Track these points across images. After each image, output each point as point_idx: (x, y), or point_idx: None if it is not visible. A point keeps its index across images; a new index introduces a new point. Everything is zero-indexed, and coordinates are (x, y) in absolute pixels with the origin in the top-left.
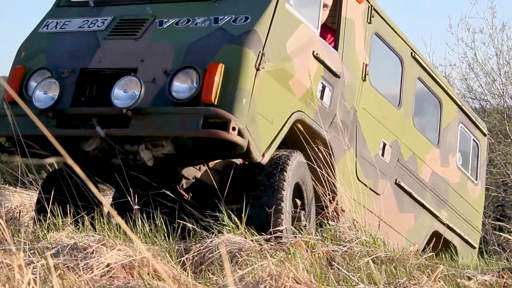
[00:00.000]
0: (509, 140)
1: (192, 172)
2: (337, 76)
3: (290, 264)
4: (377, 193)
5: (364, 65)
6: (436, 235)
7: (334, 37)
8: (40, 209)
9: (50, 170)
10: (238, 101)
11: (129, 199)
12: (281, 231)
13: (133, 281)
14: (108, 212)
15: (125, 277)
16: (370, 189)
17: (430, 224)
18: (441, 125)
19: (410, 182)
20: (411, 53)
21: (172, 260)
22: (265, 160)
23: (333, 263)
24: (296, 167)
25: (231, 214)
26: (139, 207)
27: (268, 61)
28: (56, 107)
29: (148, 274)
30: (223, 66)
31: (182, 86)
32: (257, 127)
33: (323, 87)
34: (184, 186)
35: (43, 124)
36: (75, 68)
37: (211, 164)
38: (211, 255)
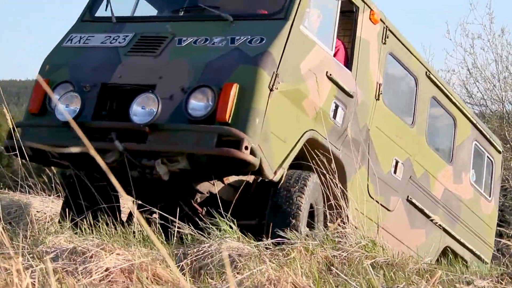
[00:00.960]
0: (508, 145)
1: (206, 187)
2: (350, 95)
3: (289, 269)
4: (388, 209)
5: (378, 85)
6: (447, 250)
7: (345, 51)
8: (64, 213)
9: (50, 174)
10: (251, 121)
11: (147, 206)
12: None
13: (132, 286)
14: (128, 217)
15: (124, 281)
16: (382, 205)
17: (441, 239)
18: (455, 143)
19: (422, 199)
20: (426, 72)
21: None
22: (277, 178)
23: (332, 268)
24: (313, 188)
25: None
26: (155, 217)
27: (282, 82)
28: (77, 120)
29: (147, 278)
30: (238, 85)
31: (198, 104)
32: (269, 145)
33: (336, 107)
34: (198, 201)
35: (65, 136)
36: (97, 83)
37: (225, 179)
38: (209, 260)
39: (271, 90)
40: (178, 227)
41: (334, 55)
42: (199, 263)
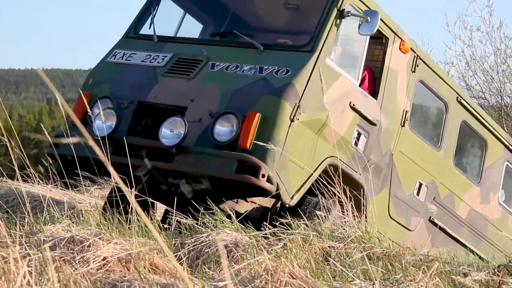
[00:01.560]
0: None
1: (230, 205)
2: (373, 124)
3: (286, 260)
4: (409, 230)
5: (404, 112)
6: None
7: (373, 77)
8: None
9: (46, 164)
10: (270, 150)
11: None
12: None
13: (130, 275)
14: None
15: (121, 271)
16: (403, 225)
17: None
18: (485, 165)
19: (445, 219)
20: (457, 98)
21: (169, 255)
22: (293, 202)
23: (329, 258)
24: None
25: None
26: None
27: (303, 112)
28: (113, 135)
29: (145, 267)
30: (260, 115)
31: (223, 130)
32: (287, 172)
33: (359, 134)
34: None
35: (101, 150)
36: (134, 100)
37: (249, 198)
38: (207, 249)
39: (292, 120)
40: (177, 217)
41: (361, 83)
42: (196, 253)
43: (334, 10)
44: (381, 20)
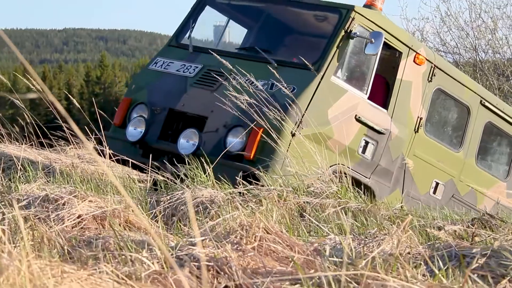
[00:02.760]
0: None
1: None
2: (381, 133)
3: (261, 215)
4: None
5: (419, 119)
6: None
7: (385, 88)
8: None
9: (23, 124)
10: (272, 161)
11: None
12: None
13: (104, 232)
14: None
15: (97, 228)
16: None
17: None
18: None
19: None
20: (481, 101)
21: (144, 212)
22: None
23: (305, 214)
24: None
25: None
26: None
27: (306, 127)
28: (143, 139)
29: (120, 225)
30: (263, 130)
31: (233, 140)
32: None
33: (366, 143)
34: None
35: (133, 152)
36: (166, 107)
37: None
38: (183, 207)
39: (293, 135)
40: (152, 174)
41: (375, 94)
42: (172, 210)
43: (342, 32)
44: (393, 36)
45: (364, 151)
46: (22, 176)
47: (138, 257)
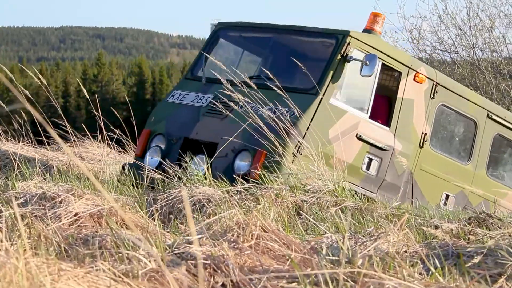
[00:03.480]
0: (478, 91)
1: None
2: (384, 149)
3: (258, 213)
4: None
5: (423, 135)
6: None
7: (387, 107)
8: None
9: (20, 121)
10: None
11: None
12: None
13: (101, 230)
14: None
15: (93, 226)
16: None
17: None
18: None
19: None
20: (488, 114)
21: (142, 210)
22: None
23: (302, 212)
24: None
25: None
26: None
27: (307, 148)
28: (160, 167)
29: (116, 223)
30: (266, 153)
31: (241, 164)
32: None
33: (370, 160)
34: None
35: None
36: (181, 136)
37: None
38: (180, 205)
39: (295, 156)
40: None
41: (377, 113)
42: (169, 208)
43: (338, 56)
44: (391, 57)
45: (368, 168)
46: (19, 173)
47: (135, 255)
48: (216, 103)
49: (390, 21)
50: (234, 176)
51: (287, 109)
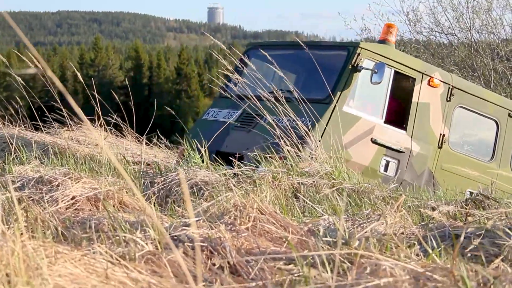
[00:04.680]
0: (476, 74)
1: None
2: (401, 151)
3: (255, 196)
4: None
5: (441, 136)
6: None
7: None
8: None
9: (16, 106)
10: None
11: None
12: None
13: (98, 213)
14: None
15: (90, 210)
16: None
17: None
18: None
19: None
20: (509, 113)
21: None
22: None
23: (299, 194)
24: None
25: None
26: None
27: (322, 154)
28: None
29: (113, 206)
30: (283, 159)
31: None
32: None
33: (387, 162)
34: None
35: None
36: (214, 150)
37: None
38: (177, 188)
39: (311, 159)
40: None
41: (394, 116)
42: (166, 192)
43: (349, 66)
44: (403, 65)
45: (386, 169)
46: (16, 158)
47: (132, 238)
48: (244, 117)
49: (387, 4)
50: (230, 158)
51: (302, 118)
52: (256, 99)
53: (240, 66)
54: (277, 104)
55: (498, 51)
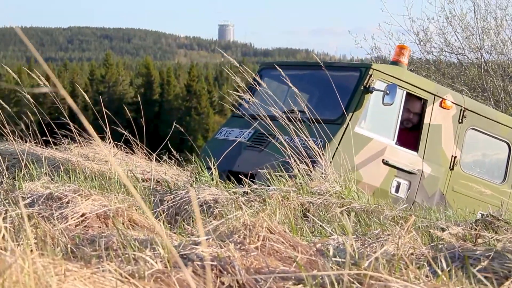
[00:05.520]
0: (486, 94)
1: None
2: (412, 173)
3: (264, 215)
4: None
5: (453, 158)
6: None
7: (415, 134)
8: None
9: (27, 122)
10: None
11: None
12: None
13: (108, 231)
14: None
15: (100, 227)
16: None
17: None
18: None
19: None
20: None
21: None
22: None
23: (308, 214)
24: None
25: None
26: None
27: (333, 174)
28: None
29: (123, 224)
30: (294, 179)
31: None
32: None
33: (399, 183)
34: None
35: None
36: (225, 169)
37: None
38: (186, 206)
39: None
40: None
41: (406, 138)
42: (176, 209)
43: (361, 87)
44: (415, 86)
45: (397, 191)
46: (26, 174)
47: (141, 256)
48: (256, 137)
49: (397, 23)
50: (240, 176)
51: (314, 139)
52: (269, 119)
53: (253, 85)
54: (289, 124)
55: (508, 72)
